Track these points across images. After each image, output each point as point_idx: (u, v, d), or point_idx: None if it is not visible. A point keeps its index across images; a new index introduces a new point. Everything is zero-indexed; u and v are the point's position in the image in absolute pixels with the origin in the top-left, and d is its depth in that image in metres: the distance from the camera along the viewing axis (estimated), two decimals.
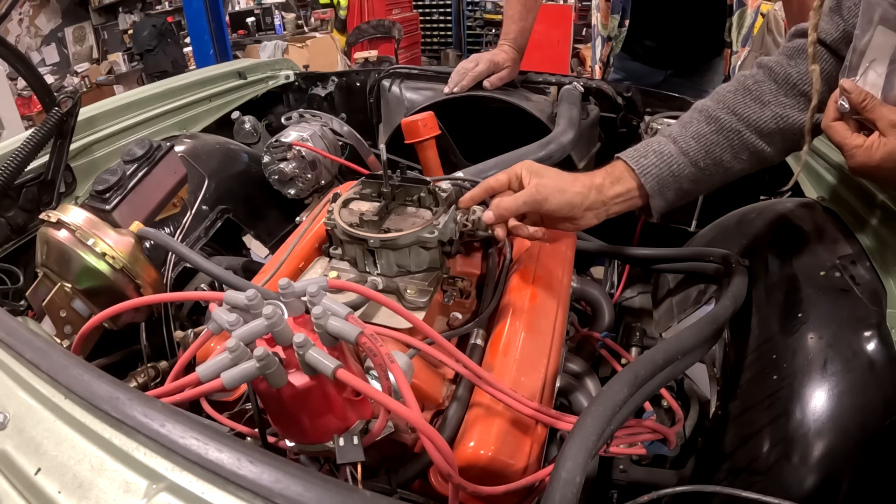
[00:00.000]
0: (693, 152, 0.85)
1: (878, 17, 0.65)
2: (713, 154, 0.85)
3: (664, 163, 0.85)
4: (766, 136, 0.84)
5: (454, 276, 0.93)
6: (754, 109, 0.84)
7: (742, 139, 0.84)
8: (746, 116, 0.84)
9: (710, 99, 0.89)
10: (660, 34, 1.84)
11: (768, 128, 0.84)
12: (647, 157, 0.86)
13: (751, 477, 0.69)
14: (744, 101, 0.85)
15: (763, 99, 0.84)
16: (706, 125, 0.86)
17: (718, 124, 0.85)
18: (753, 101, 0.84)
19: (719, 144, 0.85)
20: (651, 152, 0.86)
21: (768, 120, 0.83)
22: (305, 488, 0.42)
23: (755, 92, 0.85)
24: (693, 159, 0.85)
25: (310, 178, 1.39)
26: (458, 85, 1.47)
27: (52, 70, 6.15)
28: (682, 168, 0.85)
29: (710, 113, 0.86)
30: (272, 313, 0.54)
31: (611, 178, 0.87)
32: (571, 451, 0.54)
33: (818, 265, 0.83)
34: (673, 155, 0.85)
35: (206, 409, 0.76)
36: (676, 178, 0.86)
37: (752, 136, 0.84)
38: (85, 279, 0.92)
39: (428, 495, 0.75)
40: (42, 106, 1.06)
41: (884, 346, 0.69)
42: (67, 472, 0.47)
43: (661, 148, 0.86)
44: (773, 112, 0.83)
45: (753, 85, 0.86)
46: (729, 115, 0.85)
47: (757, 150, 0.85)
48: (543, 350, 0.84)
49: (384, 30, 5.32)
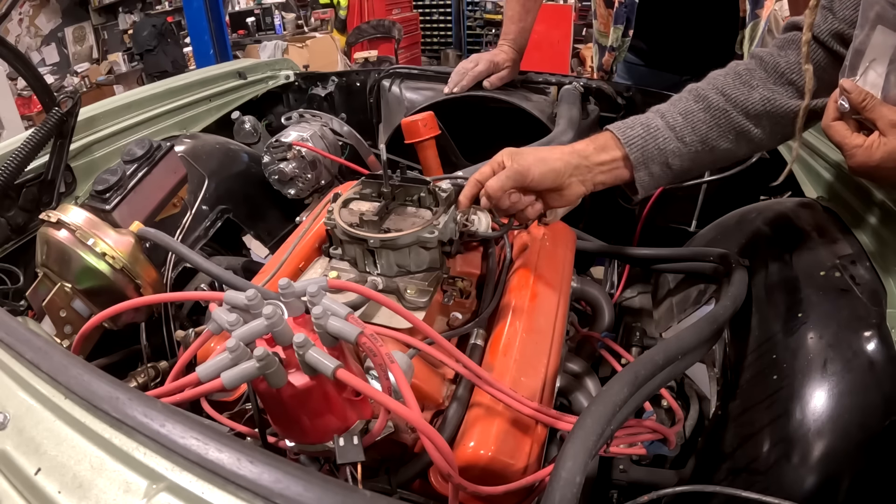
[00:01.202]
0: (679, 127, 0.86)
1: (877, 16, 0.65)
2: (699, 131, 0.86)
3: (650, 135, 0.86)
4: (754, 118, 0.85)
5: (454, 276, 0.93)
6: (742, 91, 0.85)
7: (729, 118, 0.86)
8: (734, 97, 0.85)
9: (702, 82, 0.90)
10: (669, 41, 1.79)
11: (755, 109, 0.85)
12: (633, 129, 0.87)
13: (751, 477, 0.69)
14: (733, 84, 0.86)
15: (752, 83, 0.86)
16: (694, 103, 0.87)
17: (706, 102, 0.86)
18: (742, 84, 0.86)
19: (705, 122, 0.86)
20: (638, 124, 0.88)
21: (756, 102, 0.84)
22: (305, 488, 0.42)
23: (744, 76, 0.86)
24: (679, 134, 0.86)
25: (310, 178, 1.39)
26: (457, 85, 1.47)
27: (52, 70, 6.15)
28: (668, 142, 0.86)
29: (699, 92, 0.88)
30: (272, 313, 0.54)
31: (595, 146, 0.88)
32: (571, 451, 0.54)
33: (818, 265, 0.83)
34: (659, 128, 0.86)
35: (206, 409, 0.76)
36: (662, 152, 0.86)
37: (740, 116, 0.85)
38: (85, 279, 0.92)
39: (428, 495, 0.75)
40: (42, 106, 1.06)
41: (884, 346, 0.69)
42: (67, 472, 0.47)
43: (647, 121, 0.88)
44: (761, 94, 0.84)
45: (744, 71, 0.87)
46: (717, 94, 0.86)
47: (744, 130, 0.86)
48: (543, 350, 0.84)
49: (384, 30, 5.32)
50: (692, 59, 1.73)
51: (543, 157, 0.85)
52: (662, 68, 1.84)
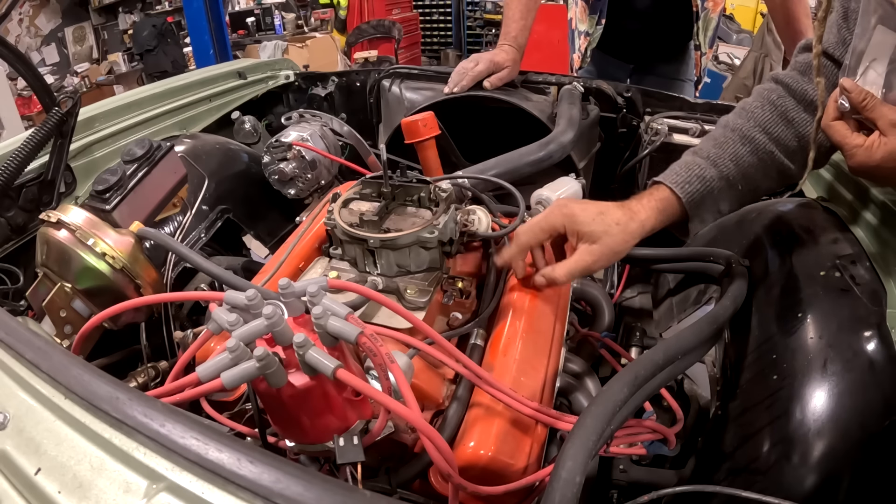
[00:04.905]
0: (732, 176, 0.86)
1: (877, 16, 0.65)
2: (750, 175, 0.87)
3: (706, 189, 0.86)
4: (791, 154, 0.86)
5: (454, 276, 0.93)
6: (782, 128, 0.85)
7: (774, 160, 0.86)
8: (777, 135, 0.85)
9: (738, 116, 0.90)
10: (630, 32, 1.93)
11: (792, 147, 0.85)
12: (691, 184, 0.86)
13: (751, 477, 0.69)
14: (772, 118, 0.86)
15: (787, 115, 0.86)
16: (741, 146, 0.87)
17: (754, 145, 0.86)
18: (780, 118, 0.86)
19: (755, 166, 0.86)
20: (694, 178, 0.86)
21: (792, 139, 0.85)
22: (305, 488, 0.42)
23: (780, 107, 0.86)
24: (732, 183, 0.87)
25: (310, 178, 1.39)
26: (457, 85, 1.47)
27: (52, 70, 6.15)
28: (722, 193, 0.87)
29: (745, 133, 0.87)
30: (272, 313, 0.54)
31: (663, 217, 0.87)
32: (571, 451, 0.54)
33: (818, 265, 0.83)
34: (714, 179, 0.86)
35: (206, 409, 0.76)
36: (715, 202, 0.87)
37: (781, 155, 0.86)
38: (85, 279, 0.92)
39: (428, 495, 0.75)
40: (42, 106, 1.06)
41: (884, 346, 0.69)
42: (67, 472, 0.47)
43: (702, 173, 0.87)
44: (796, 132, 0.85)
45: (777, 99, 0.87)
46: (761, 133, 0.86)
47: (784, 167, 0.86)
48: (543, 350, 0.84)
49: (384, 30, 5.32)
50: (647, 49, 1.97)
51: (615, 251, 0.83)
52: (616, 55, 2.03)
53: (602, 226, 0.83)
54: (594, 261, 0.83)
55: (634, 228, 0.84)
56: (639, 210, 0.86)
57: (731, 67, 4.54)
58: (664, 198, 0.87)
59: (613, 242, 0.83)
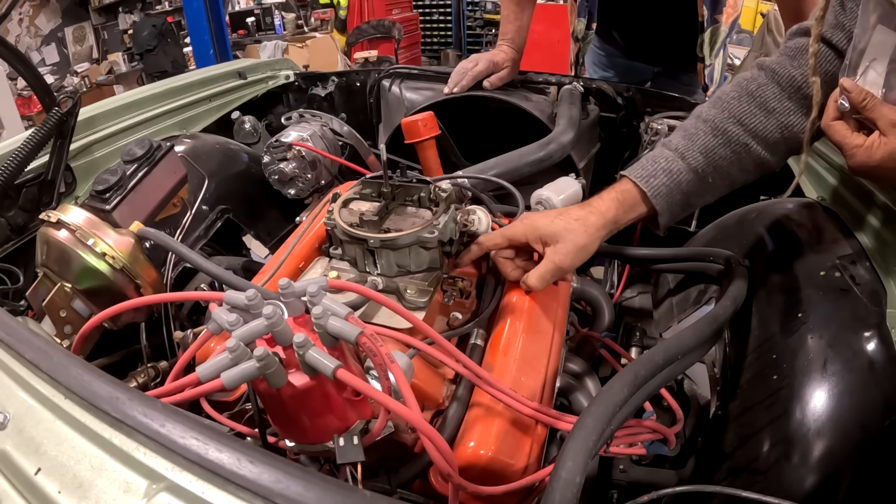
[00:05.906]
0: (702, 168, 0.85)
1: (876, 15, 0.65)
2: (722, 168, 0.85)
3: (674, 182, 0.85)
4: (771, 146, 0.84)
5: (454, 276, 0.93)
6: (760, 119, 0.83)
7: (749, 151, 0.84)
8: (753, 127, 0.83)
9: (712, 106, 0.87)
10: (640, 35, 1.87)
11: (773, 138, 0.83)
12: (656, 178, 0.85)
13: (751, 477, 0.69)
14: (749, 110, 0.83)
15: (768, 106, 0.83)
16: (713, 137, 0.85)
17: (726, 137, 0.84)
18: (759, 109, 0.83)
19: (727, 159, 0.84)
20: (661, 171, 0.85)
21: (773, 130, 0.83)
22: (305, 488, 0.42)
23: (759, 97, 0.83)
24: (702, 175, 0.85)
25: (310, 178, 1.39)
26: (457, 85, 1.47)
27: (52, 70, 6.14)
28: (691, 185, 0.85)
29: (717, 124, 0.85)
30: (272, 313, 0.54)
31: (623, 207, 0.86)
32: (571, 451, 0.54)
33: (818, 265, 0.83)
34: (681, 172, 0.85)
35: (206, 409, 0.76)
36: (685, 196, 0.86)
37: (759, 147, 0.84)
38: (85, 279, 0.92)
39: (428, 495, 0.75)
40: (42, 106, 1.06)
41: (884, 346, 0.69)
42: (67, 472, 0.47)
43: (669, 166, 0.85)
44: (778, 122, 0.82)
45: (757, 90, 0.84)
46: (735, 125, 0.84)
47: (762, 160, 0.85)
48: (543, 350, 0.84)
49: (384, 30, 5.32)
50: (663, 52, 1.86)
51: (580, 245, 0.83)
52: (638, 59, 1.94)
53: (562, 224, 0.83)
54: (561, 259, 0.83)
55: (595, 221, 0.84)
56: (598, 204, 0.86)
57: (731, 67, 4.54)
58: (625, 189, 0.87)
59: (576, 237, 0.83)
